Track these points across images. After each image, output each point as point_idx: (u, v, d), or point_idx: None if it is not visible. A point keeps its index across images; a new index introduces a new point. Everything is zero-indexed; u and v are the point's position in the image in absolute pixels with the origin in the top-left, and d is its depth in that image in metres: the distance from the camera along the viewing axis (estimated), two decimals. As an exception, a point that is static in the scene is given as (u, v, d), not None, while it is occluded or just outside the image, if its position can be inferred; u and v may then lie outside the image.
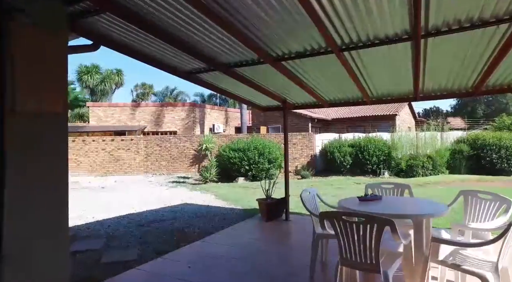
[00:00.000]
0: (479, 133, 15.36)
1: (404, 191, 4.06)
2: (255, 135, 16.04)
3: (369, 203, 3.15)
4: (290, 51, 3.70)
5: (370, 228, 2.21)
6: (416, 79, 4.35)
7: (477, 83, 4.58)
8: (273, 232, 5.29)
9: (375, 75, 4.37)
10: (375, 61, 3.81)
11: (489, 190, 9.47)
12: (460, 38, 3.09)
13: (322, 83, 4.91)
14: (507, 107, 29.36)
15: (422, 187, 10.62)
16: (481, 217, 3.20)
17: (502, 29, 2.88)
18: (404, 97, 5.49)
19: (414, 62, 3.74)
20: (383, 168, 14.23)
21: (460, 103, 34.49)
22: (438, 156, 13.84)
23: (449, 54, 3.54)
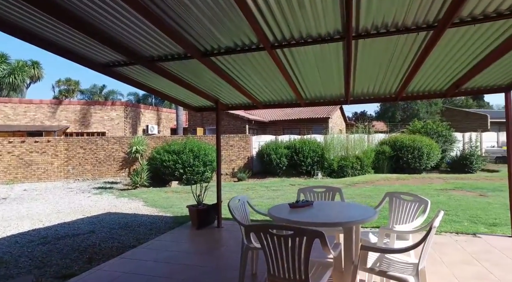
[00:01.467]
0: (398, 136, 16.96)
1: (335, 194, 4.05)
2: (191, 137, 15.41)
3: (300, 209, 2.99)
4: (220, 46, 3.40)
5: (299, 241, 2.01)
6: (347, 82, 4.41)
7: (399, 89, 4.84)
8: (203, 242, 4.91)
9: (308, 76, 4.30)
10: (308, 61, 3.71)
11: (405, 187, 10.35)
12: (387, 42, 3.14)
13: (255, 83, 4.71)
14: (418, 113, 33.29)
15: (352, 186, 11.23)
16: (404, 218, 3.29)
17: (421, 36, 2.97)
18: (336, 100, 5.59)
19: (346, 64, 3.75)
20: (317, 169, 14.80)
21: (383, 108, 38.12)
22: (365, 157, 14.87)
23: (377, 58, 3.61)
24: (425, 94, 5.13)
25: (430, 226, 2.13)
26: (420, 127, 17.72)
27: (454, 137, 17.32)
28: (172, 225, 5.98)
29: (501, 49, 3.18)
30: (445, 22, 2.63)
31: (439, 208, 6.91)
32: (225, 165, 15.72)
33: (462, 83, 4.34)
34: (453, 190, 9.78)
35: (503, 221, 5.71)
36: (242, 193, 10.26)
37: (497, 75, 4.26)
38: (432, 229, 2.11)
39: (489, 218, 5.99)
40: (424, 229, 2.80)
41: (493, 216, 6.15)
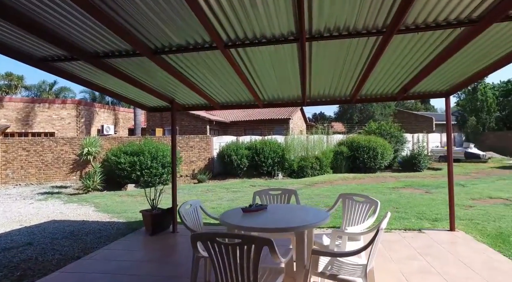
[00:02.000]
0: (354, 136, 17.70)
1: (291, 197, 4.05)
2: (149, 138, 14.80)
3: (254, 214, 2.93)
4: (171, 44, 3.24)
5: (247, 249, 1.93)
6: (303, 84, 4.44)
7: (353, 92, 4.98)
8: (157, 249, 4.67)
9: (265, 77, 4.27)
10: (263, 61, 3.67)
11: (361, 186, 10.79)
12: (340, 45, 3.18)
13: (210, 83, 4.58)
14: (374, 115, 35.18)
15: (312, 186, 11.47)
16: (356, 219, 3.36)
17: (371, 41, 3.06)
18: (293, 102, 5.63)
19: (301, 66, 3.76)
20: (278, 170, 14.95)
21: (341, 110, 39.76)
22: (324, 157, 15.30)
23: (332, 61, 3.66)
24: (378, 97, 5.34)
25: (377, 229, 2.17)
26: (375, 128, 18.64)
27: (405, 138, 18.47)
28: (125, 232, 5.64)
29: (441, 57, 3.38)
30: (392, 28, 2.72)
31: (391, 206, 7.28)
32: (185, 166, 15.31)
33: (409, 87, 4.57)
34: (403, 188, 10.38)
35: (444, 216, 6.14)
36: (202, 195, 10.03)
37: (438, 82, 4.55)
38: (379, 231, 2.15)
39: (432, 214, 6.41)
40: (373, 229, 2.87)
41: (435, 212, 6.60)
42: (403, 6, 2.42)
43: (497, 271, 3.56)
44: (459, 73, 4.13)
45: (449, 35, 2.97)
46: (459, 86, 4.67)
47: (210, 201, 8.78)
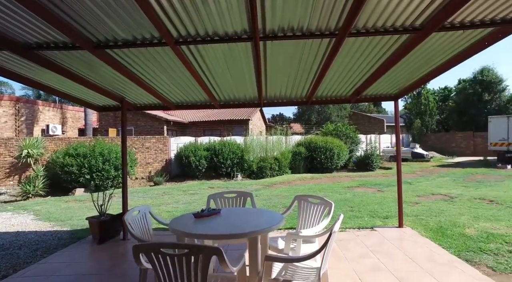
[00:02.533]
0: (312, 137, 18.19)
1: (246, 200, 3.96)
2: (101, 139, 13.88)
3: (206, 219, 2.79)
4: (116, 38, 2.98)
5: (194, 260, 1.79)
6: (259, 84, 4.38)
7: (309, 94, 5.03)
8: (104, 259, 4.32)
9: (219, 76, 4.14)
10: (217, 60, 3.54)
11: (318, 186, 11.05)
12: (295, 46, 3.15)
13: (163, 82, 4.34)
14: (330, 116, 36.57)
15: (270, 187, 11.52)
16: (311, 221, 3.36)
17: (325, 42, 3.07)
18: (250, 103, 5.56)
19: (256, 66, 3.68)
20: (237, 171, 14.85)
21: (300, 111, 40.76)
22: (283, 158, 15.50)
23: (287, 62, 3.63)
24: (333, 99, 5.46)
25: (330, 232, 2.15)
26: (332, 129, 19.30)
27: (359, 139, 19.38)
28: (68, 242, 5.15)
29: (390, 62, 3.51)
30: (344, 31, 2.74)
31: (346, 205, 7.50)
32: (140, 168, 14.61)
33: (362, 90, 4.72)
34: (357, 187, 10.82)
35: (393, 213, 6.46)
36: (158, 198, 9.59)
37: (388, 85, 4.76)
38: (331, 235, 2.13)
39: (383, 212, 6.72)
40: (327, 231, 2.87)
41: (386, 209, 6.93)
42: (353, 9, 2.45)
43: (437, 263, 3.79)
44: (406, 78, 4.34)
45: (396, 41, 3.09)
46: (406, 90, 4.93)
47: (166, 204, 8.41)
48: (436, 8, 2.56)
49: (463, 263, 3.86)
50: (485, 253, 4.24)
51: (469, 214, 6.36)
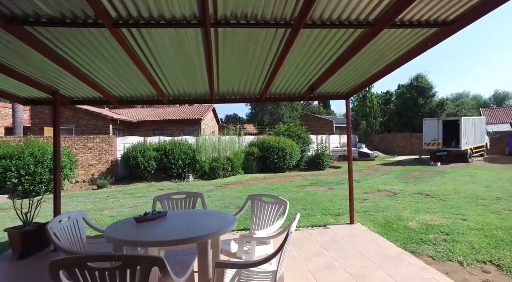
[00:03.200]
0: (265, 137, 18.29)
1: (196, 201, 3.68)
2: (32, 138, 12.40)
3: (149, 224, 2.47)
4: (37, 13, 2.52)
5: (131, 274, 1.50)
6: (210, 78, 4.13)
7: (263, 90, 4.90)
8: (24, 277, 3.70)
9: (167, 67, 3.80)
10: (164, 48, 3.22)
11: (271, 186, 11.03)
12: (249, 35, 2.96)
13: (103, 72, 3.88)
14: (283, 117, 37.39)
15: (223, 188, 11.24)
16: (265, 221, 3.20)
17: (280, 33, 2.93)
18: (201, 99, 5.26)
19: (207, 58, 3.43)
20: (188, 172, 14.32)
21: (253, 112, 41.06)
22: (236, 158, 15.31)
23: (241, 54, 3.43)
24: (286, 96, 5.39)
25: (287, 233, 2.00)
26: (284, 130, 19.60)
27: (311, 139, 19.94)
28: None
29: (344, 56, 3.50)
30: (300, 21, 2.63)
31: (299, 203, 7.52)
32: (82, 171, 13.39)
33: (316, 86, 4.70)
34: (310, 186, 11.03)
35: (344, 210, 6.62)
36: (101, 202, 8.77)
37: (340, 83, 4.82)
38: (288, 236, 1.98)
39: (335, 209, 6.85)
40: (283, 232, 2.73)
41: (337, 207, 7.08)
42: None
43: (387, 257, 3.89)
44: (359, 75, 4.41)
45: (351, 35, 3.06)
46: (358, 88, 5.03)
47: (110, 209, 7.71)
48: (388, 3, 2.56)
49: (409, 255, 4.01)
50: (425, 244, 4.47)
51: (410, 208, 6.75)
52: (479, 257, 4.01)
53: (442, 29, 3.02)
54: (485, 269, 3.71)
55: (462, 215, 6.06)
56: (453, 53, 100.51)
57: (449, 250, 4.22)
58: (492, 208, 6.69)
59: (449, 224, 5.44)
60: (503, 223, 5.44)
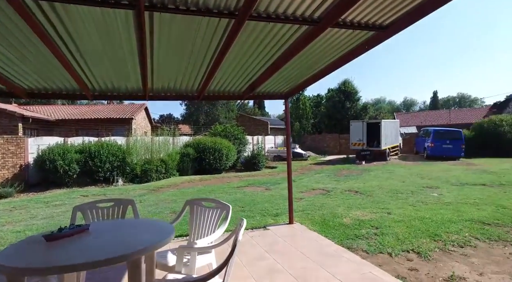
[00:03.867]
0: (201, 138, 17.79)
1: (126, 209, 3.23)
2: None
3: (65, 242, 2.02)
4: None
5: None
6: (144, 72, 3.70)
7: (201, 87, 4.61)
8: None
9: (91, 56, 3.28)
10: (87, 32, 2.73)
11: (208, 187, 10.66)
12: (188, 24, 2.67)
13: (6, 58, 3.18)
14: (218, 117, 37.07)
15: (157, 191, 10.53)
16: (206, 228, 2.94)
17: (223, 24, 2.72)
18: (133, 95, 4.74)
19: (140, 47, 3.03)
20: (117, 175, 13.14)
21: (188, 112, 39.87)
22: (170, 160, 14.55)
23: (178, 44, 3.10)
24: (225, 95, 5.19)
25: (234, 242, 1.79)
26: (221, 130, 19.34)
27: (247, 140, 20.03)
28: None
29: (288, 54, 3.43)
30: (245, 12, 2.44)
31: (237, 205, 7.36)
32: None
33: (257, 85, 4.58)
34: (247, 187, 10.98)
35: (282, 210, 6.68)
36: (3, 216, 7.40)
37: (280, 83, 4.79)
38: (236, 246, 1.77)
39: (273, 209, 6.87)
40: (227, 240, 2.51)
41: (276, 207, 7.12)
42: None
43: (327, 255, 3.95)
44: (299, 75, 4.42)
45: (296, 32, 3.00)
46: (297, 88, 5.07)
47: (15, 223, 6.54)
48: (333, 1, 2.54)
49: (346, 251, 4.14)
50: (360, 239, 4.70)
51: (343, 205, 7.12)
52: (404, 247, 4.34)
53: (378, 33, 3.14)
54: (409, 257, 4.02)
55: (387, 209, 6.59)
56: (372, 60, 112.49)
57: (379, 243, 4.49)
58: (409, 201, 7.43)
59: (377, 218, 5.85)
60: (418, 214, 6.05)
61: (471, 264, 3.80)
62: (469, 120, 29.61)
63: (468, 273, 3.55)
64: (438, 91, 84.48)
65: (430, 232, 4.93)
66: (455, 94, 66.64)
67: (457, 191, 8.62)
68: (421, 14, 2.73)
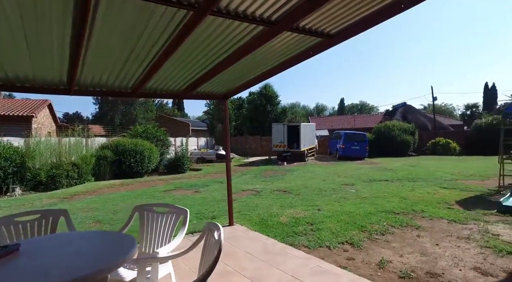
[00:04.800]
0: (120, 139, 16.32)
1: (57, 222, 2.73)
2: None
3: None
4: None
5: None
6: (75, 62, 3.19)
7: (137, 83, 4.23)
8: None
9: (3, 34, 2.68)
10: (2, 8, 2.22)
11: (133, 193, 9.87)
12: (140, 10, 2.40)
13: None
14: (136, 118, 34.60)
15: (70, 199, 9.23)
16: (161, 236, 2.68)
17: (181, 14, 2.51)
18: (53, 88, 4.04)
19: (77, 32, 2.61)
20: (14, 183, 11.10)
21: (101, 111, 36.12)
22: (84, 163, 12.94)
23: (125, 32, 2.76)
24: (163, 93, 4.86)
25: (219, 250, 1.68)
26: (141, 131, 18.08)
27: (170, 141, 19.18)
28: None
29: (238, 54, 3.36)
30: (207, 5, 2.32)
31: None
32: None
33: (198, 84, 4.42)
34: (175, 190, 10.49)
35: (219, 212, 6.60)
36: None
37: (223, 83, 4.71)
38: (220, 252, 1.66)
39: (208, 212, 6.72)
40: (194, 245, 2.34)
41: (210, 209, 6.99)
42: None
43: (273, 254, 4.04)
44: (243, 76, 4.41)
45: (251, 32, 2.98)
46: (237, 89, 5.06)
47: None
48: (292, 6, 2.58)
49: (290, 248, 4.31)
50: (299, 235, 4.93)
51: (276, 204, 7.39)
52: (338, 239, 4.73)
53: (325, 40, 3.32)
54: (344, 248, 4.40)
55: (316, 206, 7.08)
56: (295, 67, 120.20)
57: (317, 238, 4.79)
58: (333, 197, 8.14)
59: (310, 215, 6.23)
60: (344, 209, 6.68)
61: (392, 249, 4.35)
62: (369, 125, 33.99)
63: (392, 256, 4.06)
64: (345, 99, 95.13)
65: (357, 224, 5.48)
66: (358, 102, 75.95)
67: (369, 186, 9.80)
68: (365, 27, 2.97)
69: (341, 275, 3.35)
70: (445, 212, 6.21)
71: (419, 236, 4.85)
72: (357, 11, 2.74)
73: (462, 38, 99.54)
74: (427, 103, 50.79)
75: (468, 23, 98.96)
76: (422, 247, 4.38)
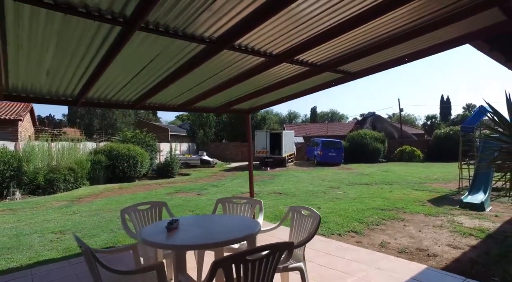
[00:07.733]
0: (113, 144, 16.56)
1: (161, 210, 3.62)
2: None
3: (178, 231, 2.55)
4: None
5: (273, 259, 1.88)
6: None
7: (80, 92, 3.79)
8: None
9: None
10: None
11: (137, 195, 10.84)
12: (73, 23, 2.09)
13: None
14: (115, 122, 34.30)
15: (80, 202, 9.67)
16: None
17: (115, 32, 2.27)
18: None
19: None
20: (13, 187, 11.25)
21: (77, 114, 35.29)
22: (79, 168, 13.23)
23: (62, 39, 2.34)
24: (113, 103, 4.52)
25: (318, 221, 2.71)
26: (130, 136, 18.42)
27: (158, 146, 19.64)
28: None
29: (181, 70, 3.24)
30: (136, 18, 2.04)
31: (186, 209, 7.79)
32: None
33: (147, 97, 4.23)
34: (177, 193, 11.23)
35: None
36: None
37: (173, 97, 4.54)
38: (320, 220, 2.70)
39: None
40: (281, 221, 3.33)
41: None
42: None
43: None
44: (197, 88, 4.15)
45: (193, 50, 2.81)
46: (191, 101, 4.79)
47: None
48: (233, 26, 2.38)
49: (310, 236, 5.40)
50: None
51: (281, 204, 8.47)
52: (345, 229, 5.89)
53: (269, 60, 3.25)
54: (351, 235, 5.57)
55: (316, 204, 8.26)
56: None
57: (328, 228, 5.93)
58: (326, 198, 9.38)
59: (313, 211, 7.39)
60: (340, 207, 7.90)
61: (388, 235, 5.59)
62: (341, 132, 36.22)
63: (389, 239, 5.29)
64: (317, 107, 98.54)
65: (355, 218, 6.71)
66: (328, 110, 79.55)
67: (353, 189, 11.20)
68: (305, 49, 2.98)
69: (359, 250, 4.51)
70: (421, 208, 7.65)
71: (405, 226, 6.17)
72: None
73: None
74: (392, 113, 54.73)
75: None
76: (409, 233, 5.67)
